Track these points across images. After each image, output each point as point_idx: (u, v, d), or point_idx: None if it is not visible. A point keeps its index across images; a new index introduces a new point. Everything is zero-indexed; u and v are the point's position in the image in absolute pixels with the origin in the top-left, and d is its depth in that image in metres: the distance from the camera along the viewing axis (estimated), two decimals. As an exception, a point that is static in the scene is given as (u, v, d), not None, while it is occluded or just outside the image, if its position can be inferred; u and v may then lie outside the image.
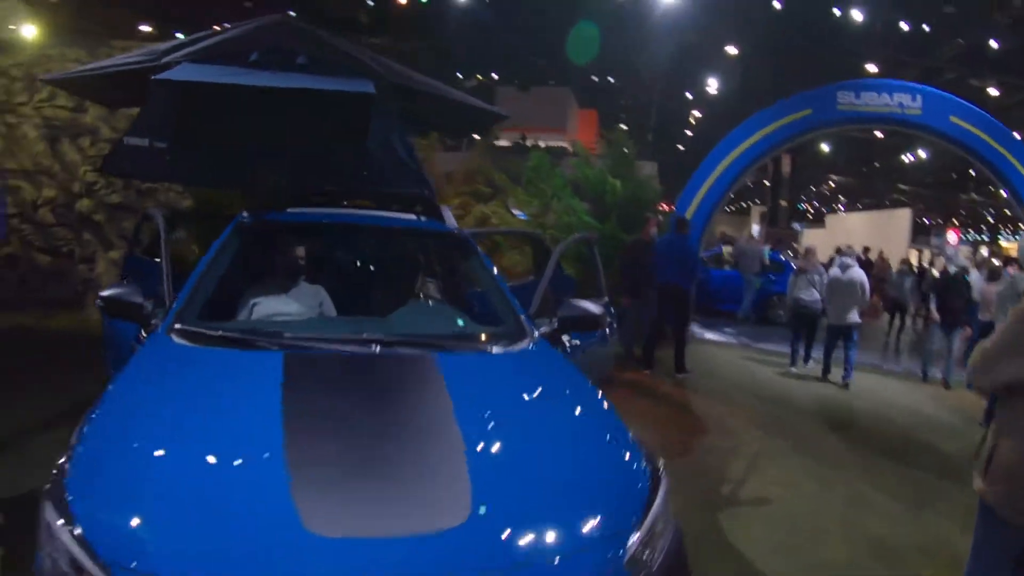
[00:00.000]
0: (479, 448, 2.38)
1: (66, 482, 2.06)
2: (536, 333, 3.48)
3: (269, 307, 3.71)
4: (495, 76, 34.06)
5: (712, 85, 27.80)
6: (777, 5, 20.13)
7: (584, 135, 36.18)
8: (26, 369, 6.75)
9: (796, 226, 37.84)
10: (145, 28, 27.51)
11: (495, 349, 3.25)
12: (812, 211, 56.58)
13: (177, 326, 3.09)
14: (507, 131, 33.60)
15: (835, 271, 10.29)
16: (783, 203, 33.76)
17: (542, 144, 22.76)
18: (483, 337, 3.42)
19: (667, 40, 24.45)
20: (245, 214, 4.03)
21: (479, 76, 30.64)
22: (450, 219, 4.37)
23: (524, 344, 3.35)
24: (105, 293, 3.36)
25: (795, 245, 25.68)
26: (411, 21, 27.66)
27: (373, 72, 4.31)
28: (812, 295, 10.49)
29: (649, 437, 6.92)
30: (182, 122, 4.24)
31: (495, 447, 2.47)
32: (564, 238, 11.03)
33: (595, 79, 34.06)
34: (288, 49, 4.20)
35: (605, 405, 2.89)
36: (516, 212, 12.14)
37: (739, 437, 7.37)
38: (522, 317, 3.58)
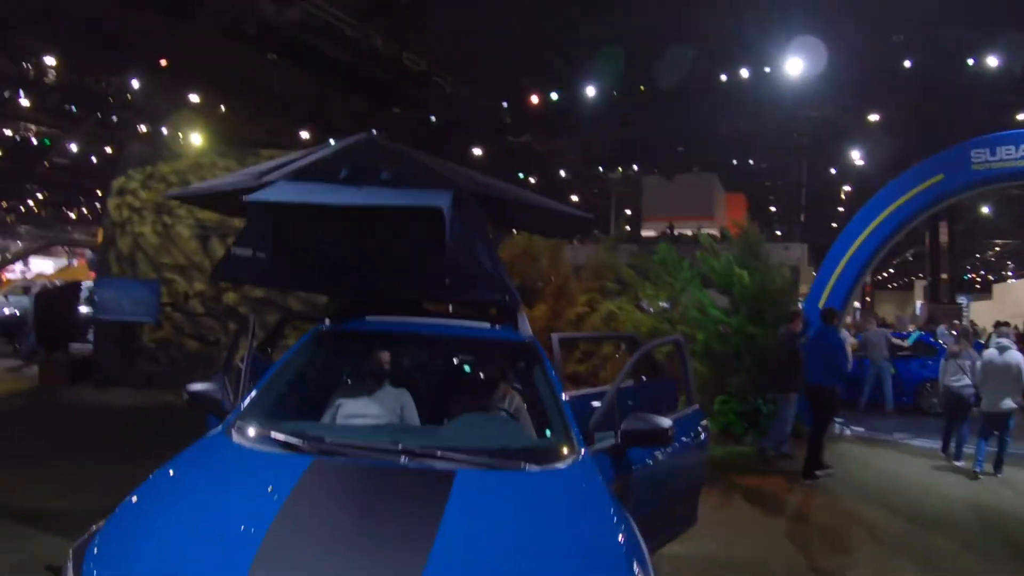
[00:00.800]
0: (443, 564, 2.35)
1: (88, 547, 2.44)
2: (583, 451, 3.33)
3: (351, 408, 3.95)
4: (635, 167, 33.96)
5: (857, 157, 26.12)
6: (907, 64, 18.69)
7: (734, 219, 34.98)
8: (161, 440, 6.95)
9: (961, 299, 34.18)
10: (304, 135, 30.00)
11: (529, 467, 3.14)
12: (979, 280, 51.20)
13: (237, 423, 3.33)
14: (653, 220, 33.23)
15: (990, 352, 9.10)
16: (944, 276, 30.55)
17: (689, 232, 22.00)
18: (518, 454, 3.29)
19: (808, 116, 23.38)
20: (326, 322, 4.39)
21: (620, 168, 30.52)
22: (524, 327, 4.43)
23: (565, 462, 3.24)
24: (192, 388, 3.66)
25: (957, 321, 22.73)
26: (547, 119, 28.26)
27: (452, 183, 4.30)
28: (962, 381, 9.35)
29: (742, 553, 6.11)
30: (278, 234, 4.54)
31: (460, 567, 2.41)
32: (692, 333, 10.40)
33: (737, 162, 33.06)
34: (372, 166, 4.33)
35: (618, 538, 2.72)
36: (646, 307, 11.54)
37: (854, 555, 6.32)
38: (573, 432, 3.45)
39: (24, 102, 25.18)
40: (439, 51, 25.34)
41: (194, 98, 24.91)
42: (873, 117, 22.66)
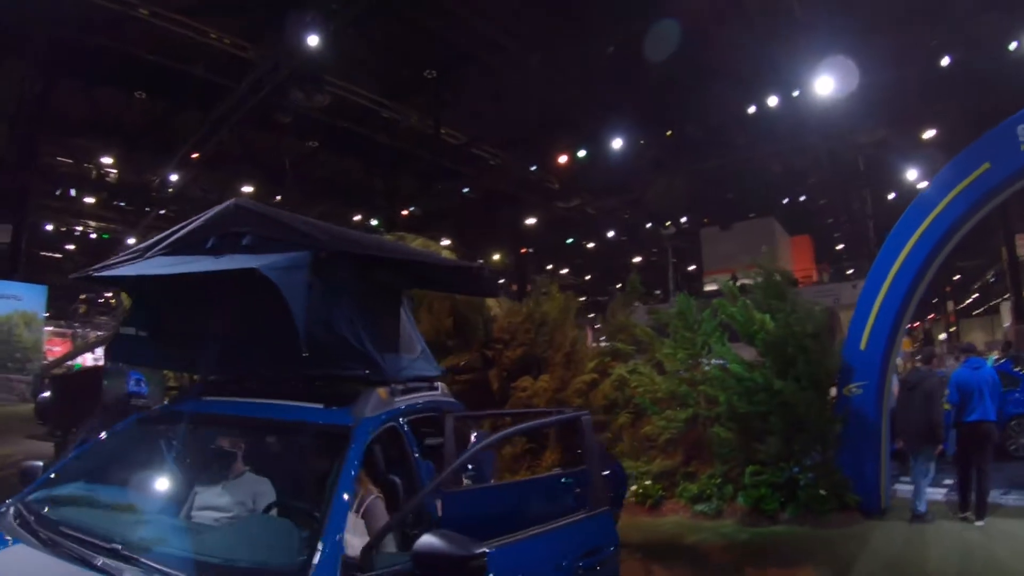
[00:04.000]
0: None
1: None
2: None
3: (204, 498, 3.78)
4: (684, 220, 32.36)
5: (917, 177, 23.66)
6: (947, 61, 16.70)
7: (800, 263, 32.56)
8: None
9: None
10: (356, 217, 29.99)
11: None
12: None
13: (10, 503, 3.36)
14: (716, 273, 31.24)
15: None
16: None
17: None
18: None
19: (860, 143, 21.47)
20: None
21: (668, 223, 29.09)
22: (374, 406, 3.76)
23: None
24: (23, 464, 3.77)
25: None
26: (594, 180, 27.21)
27: (315, 243, 3.91)
28: None
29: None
30: (153, 314, 4.42)
31: None
32: (714, 395, 8.76)
33: (796, 202, 30.99)
34: (237, 232, 4.01)
35: None
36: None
37: None
38: (324, 551, 2.79)
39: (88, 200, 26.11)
40: (473, 123, 24.94)
41: (247, 189, 25.27)
42: (928, 133, 20.57)
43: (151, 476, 3.86)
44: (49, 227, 29.72)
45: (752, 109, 20.89)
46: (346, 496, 3.07)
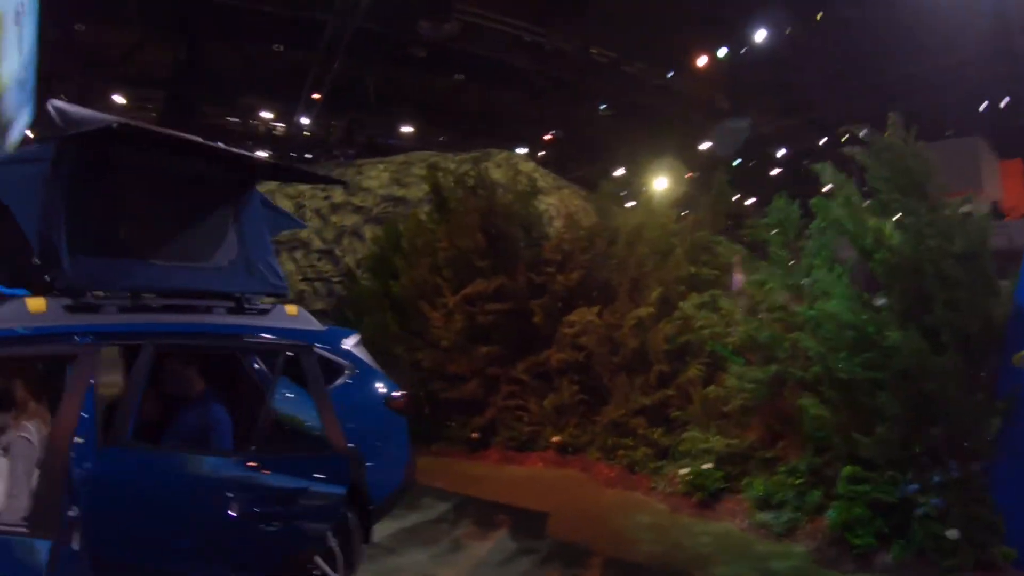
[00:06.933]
0: None
1: None
2: None
3: None
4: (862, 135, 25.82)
5: None
6: None
7: (1012, 192, 24.94)
8: None
9: None
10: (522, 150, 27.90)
11: None
12: None
13: None
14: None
15: None
16: None
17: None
18: None
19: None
20: None
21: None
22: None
23: None
24: None
25: None
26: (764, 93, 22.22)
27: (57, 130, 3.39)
28: None
29: None
30: None
31: None
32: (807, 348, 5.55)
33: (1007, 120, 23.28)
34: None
35: None
36: (737, 280, 6.96)
37: None
38: None
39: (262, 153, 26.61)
40: (618, 40, 21.29)
41: (407, 128, 24.55)
42: None
43: None
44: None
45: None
46: None
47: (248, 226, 4.17)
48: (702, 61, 18.65)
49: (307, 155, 25.02)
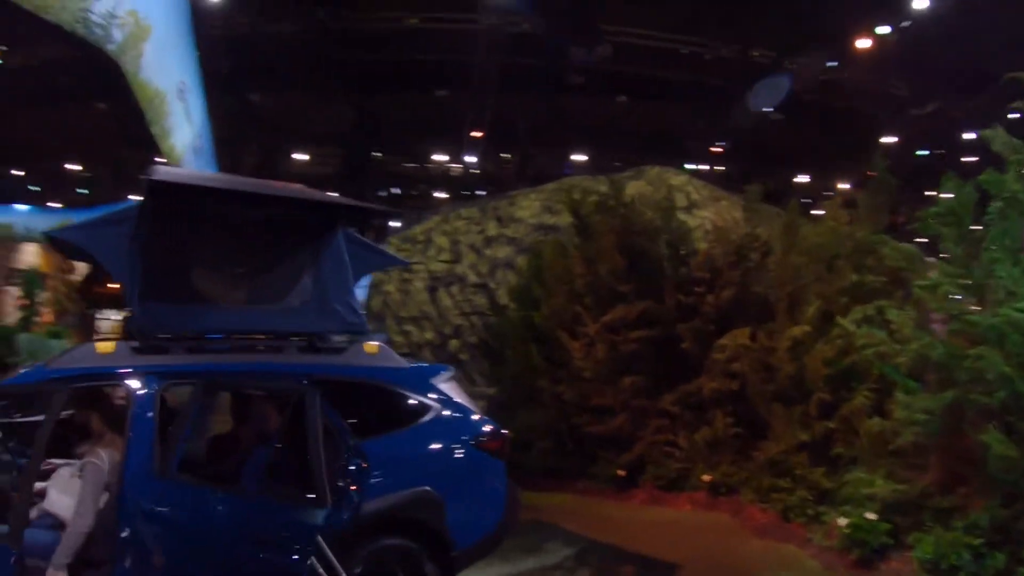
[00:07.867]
0: None
1: None
2: None
3: None
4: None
5: None
6: None
7: None
8: None
9: None
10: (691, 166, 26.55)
11: None
12: None
13: None
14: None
15: None
16: None
17: None
18: None
19: None
20: None
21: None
22: (74, 360, 3.80)
23: None
24: None
25: None
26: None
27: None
28: None
29: None
30: None
31: None
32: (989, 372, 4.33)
33: None
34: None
35: None
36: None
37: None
38: None
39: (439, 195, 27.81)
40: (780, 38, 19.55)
41: (579, 157, 24.48)
42: None
43: None
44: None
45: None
46: None
47: (327, 266, 4.21)
48: (865, 44, 16.32)
49: (479, 191, 25.84)
